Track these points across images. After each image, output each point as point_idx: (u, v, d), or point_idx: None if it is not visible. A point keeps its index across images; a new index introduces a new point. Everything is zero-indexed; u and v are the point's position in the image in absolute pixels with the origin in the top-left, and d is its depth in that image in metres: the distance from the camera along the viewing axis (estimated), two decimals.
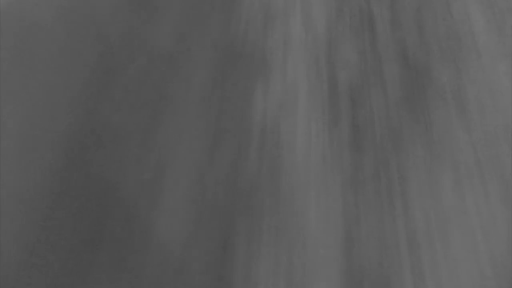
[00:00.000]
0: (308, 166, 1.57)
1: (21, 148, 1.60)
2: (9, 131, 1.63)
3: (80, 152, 1.60)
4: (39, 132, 1.63)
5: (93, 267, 1.39)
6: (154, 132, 1.65)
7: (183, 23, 1.93)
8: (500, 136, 1.59)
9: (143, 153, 1.60)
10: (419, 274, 1.37)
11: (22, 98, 1.71)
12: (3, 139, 1.61)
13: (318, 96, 1.73)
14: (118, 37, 1.88)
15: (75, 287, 1.35)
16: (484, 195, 1.48)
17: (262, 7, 1.97)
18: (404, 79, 1.75)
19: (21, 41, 1.85)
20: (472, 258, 1.38)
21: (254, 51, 1.85)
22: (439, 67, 1.77)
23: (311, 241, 1.43)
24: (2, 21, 1.89)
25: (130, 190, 1.53)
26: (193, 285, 1.36)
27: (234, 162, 1.58)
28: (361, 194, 1.51)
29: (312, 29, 1.90)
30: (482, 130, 1.61)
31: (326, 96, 1.73)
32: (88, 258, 1.40)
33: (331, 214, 1.47)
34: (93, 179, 1.54)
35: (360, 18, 1.93)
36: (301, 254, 1.41)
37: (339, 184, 1.53)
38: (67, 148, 1.60)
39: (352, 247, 1.41)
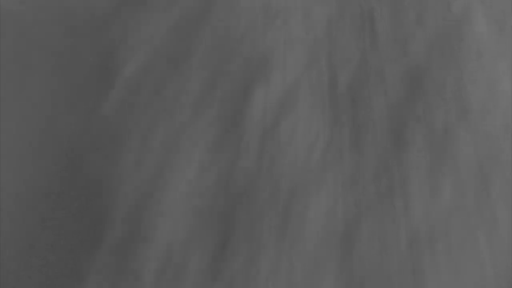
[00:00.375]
0: (308, 166, 1.57)
1: (21, 148, 1.60)
2: (9, 131, 1.63)
3: (80, 152, 1.60)
4: (39, 133, 1.63)
5: (93, 268, 1.39)
6: (154, 132, 1.65)
7: (183, 22, 1.93)
8: (500, 136, 1.59)
9: (142, 153, 1.60)
10: (419, 274, 1.37)
11: (22, 99, 1.71)
12: (3, 139, 1.61)
13: (318, 96, 1.73)
14: (118, 37, 1.88)
15: (75, 287, 1.36)
16: (485, 195, 1.48)
17: (262, 7, 1.97)
18: (404, 79, 1.75)
19: (21, 41, 1.85)
20: (472, 258, 1.38)
21: (254, 51, 1.85)
22: (439, 67, 1.77)
23: (311, 241, 1.43)
24: (2, 22, 1.89)
25: (130, 190, 1.53)
26: (192, 285, 1.36)
27: (234, 162, 1.58)
28: (361, 194, 1.51)
29: (312, 29, 1.90)
30: (482, 130, 1.61)
31: (326, 96, 1.73)
32: (88, 258, 1.40)
33: (331, 214, 1.47)
34: (93, 179, 1.54)
35: (361, 18, 1.93)
36: (301, 254, 1.41)
37: (339, 184, 1.53)
38: (67, 148, 1.61)
39: (352, 247, 1.41)
